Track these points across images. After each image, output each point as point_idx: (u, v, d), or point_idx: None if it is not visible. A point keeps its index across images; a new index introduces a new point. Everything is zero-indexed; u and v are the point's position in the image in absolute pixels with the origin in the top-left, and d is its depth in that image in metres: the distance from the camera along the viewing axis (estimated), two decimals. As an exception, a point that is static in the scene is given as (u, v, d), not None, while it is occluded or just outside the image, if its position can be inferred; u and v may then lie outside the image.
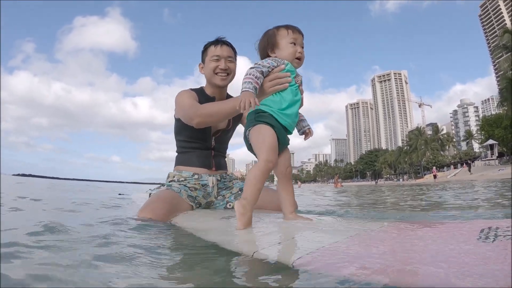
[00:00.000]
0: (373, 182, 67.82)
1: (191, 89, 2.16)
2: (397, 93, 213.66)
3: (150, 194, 2.24)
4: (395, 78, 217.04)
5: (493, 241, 0.84)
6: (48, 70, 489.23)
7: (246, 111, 1.31)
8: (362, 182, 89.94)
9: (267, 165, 1.34)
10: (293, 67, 1.49)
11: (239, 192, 2.17)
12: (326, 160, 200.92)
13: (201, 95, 2.12)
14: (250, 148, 1.48)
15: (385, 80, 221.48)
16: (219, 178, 2.22)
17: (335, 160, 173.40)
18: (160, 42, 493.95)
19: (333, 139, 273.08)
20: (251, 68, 1.41)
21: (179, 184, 2.10)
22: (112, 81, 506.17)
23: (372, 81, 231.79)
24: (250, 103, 1.28)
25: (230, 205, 2.14)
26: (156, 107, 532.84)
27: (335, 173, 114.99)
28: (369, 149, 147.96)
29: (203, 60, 2.18)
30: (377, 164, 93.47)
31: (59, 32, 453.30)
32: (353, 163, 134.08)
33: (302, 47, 1.49)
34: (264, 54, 1.52)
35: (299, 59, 1.49)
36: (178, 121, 2.16)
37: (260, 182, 1.34)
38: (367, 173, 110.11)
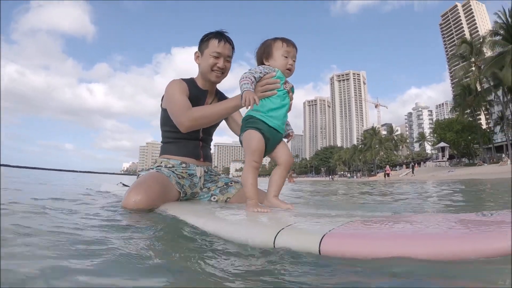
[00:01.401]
0: (327, 178, 69.17)
1: (182, 79, 2.13)
2: (355, 93, 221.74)
3: (138, 175, 2.13)
4: (353, 78, 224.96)
5: (491, 215, 0.93)
6: (2, 51, 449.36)
7: (251, 107, 1.45)
8: (316, 178, 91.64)
9: (251, 164, 1.56)
10: (283, 75, 1.63)
11: (225, 186, 2.18)
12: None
13: (193, 87, 2.11)
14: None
15: (344, 80, 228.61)
16: (206, 170, 2.21)
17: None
18: (119, 28, 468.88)
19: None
20: (245, 73, 1.58)
21: (168, 170, 2.05)
22: (68, 65, 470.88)
23: (331, 79, 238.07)
24: (253, 100, 1.44)
25: (214, 198, 2.13)
26: (112, 94, 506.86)
27: (290, 168, 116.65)
28: (325, 145, 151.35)
29: (200, 50, 2.10)
30: (332, 161, 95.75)
31: (15, 12, 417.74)
32: (308, 159, 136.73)
33: (294, 60, 1.66)
34: (259, 61, 1.69)
35: (290, 70, 1.65)
36: (165, 111, 2.11)
37: (252, 180, 1.57)
38: (322, 169, 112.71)
